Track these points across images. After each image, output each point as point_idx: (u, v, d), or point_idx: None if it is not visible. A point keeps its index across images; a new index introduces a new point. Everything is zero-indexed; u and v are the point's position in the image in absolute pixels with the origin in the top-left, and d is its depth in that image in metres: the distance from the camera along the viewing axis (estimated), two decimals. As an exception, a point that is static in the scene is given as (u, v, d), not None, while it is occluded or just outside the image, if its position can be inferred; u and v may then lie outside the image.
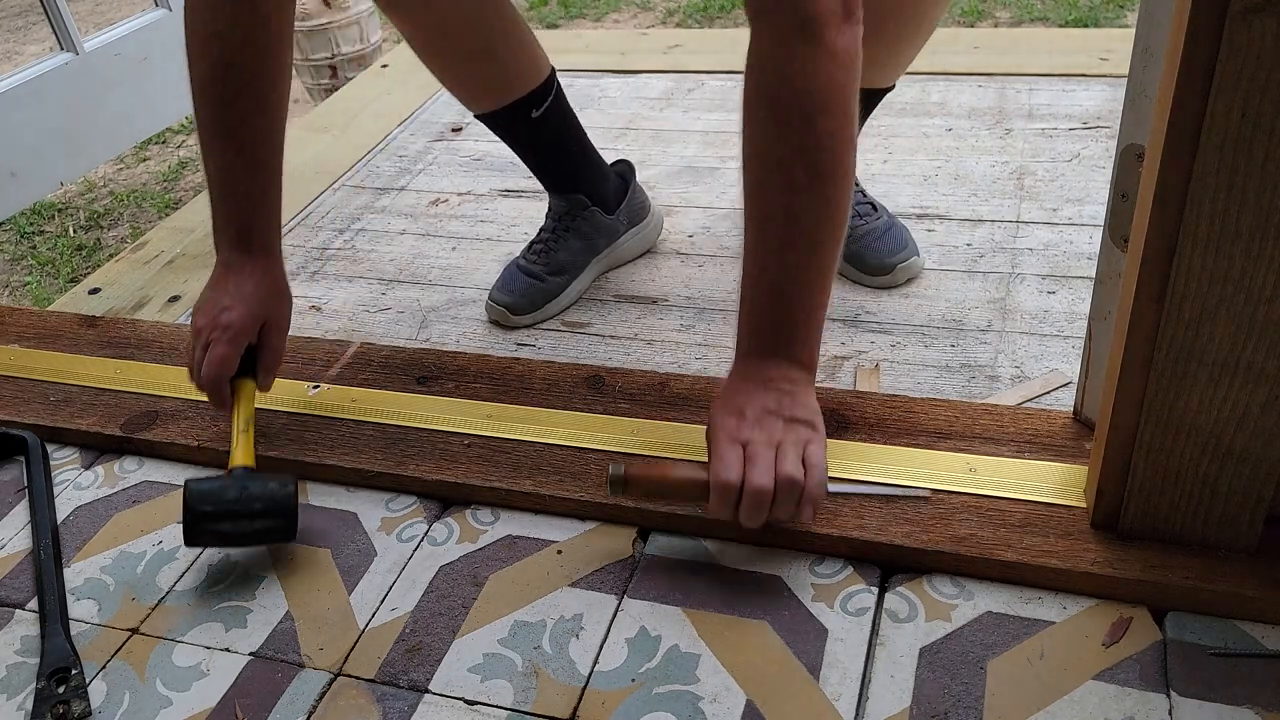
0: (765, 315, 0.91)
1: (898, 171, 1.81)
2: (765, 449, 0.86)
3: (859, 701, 0.79)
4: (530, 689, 0.83)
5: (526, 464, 1.02)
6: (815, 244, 0.89)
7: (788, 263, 0.89)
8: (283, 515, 0.94)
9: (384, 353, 1.22)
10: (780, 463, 0.85)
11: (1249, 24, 0.61)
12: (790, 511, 0.86)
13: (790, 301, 0.90)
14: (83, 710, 0.85)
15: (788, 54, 0.85)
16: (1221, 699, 0.76)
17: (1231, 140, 0.65)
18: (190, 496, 0.93)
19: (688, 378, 1.13)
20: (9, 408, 1.19)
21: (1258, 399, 0.75)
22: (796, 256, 0.89)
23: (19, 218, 2.64)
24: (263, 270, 1.07)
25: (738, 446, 0.86)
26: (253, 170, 1.07)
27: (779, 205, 0.88)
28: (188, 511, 0.92)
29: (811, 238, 0.89)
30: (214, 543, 0.95)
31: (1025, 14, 3.30)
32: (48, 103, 2.38)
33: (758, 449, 0.86)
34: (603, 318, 1.53)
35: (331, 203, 1.94)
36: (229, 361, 1.02)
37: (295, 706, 0.83)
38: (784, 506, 0.85)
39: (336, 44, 3.75)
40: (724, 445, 0.87)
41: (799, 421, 0.89)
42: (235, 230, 1.07)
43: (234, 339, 1.02)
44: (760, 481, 0.84)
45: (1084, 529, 0.88)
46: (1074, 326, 1.37)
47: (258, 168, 1.07)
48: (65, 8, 2.39)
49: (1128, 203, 0.83)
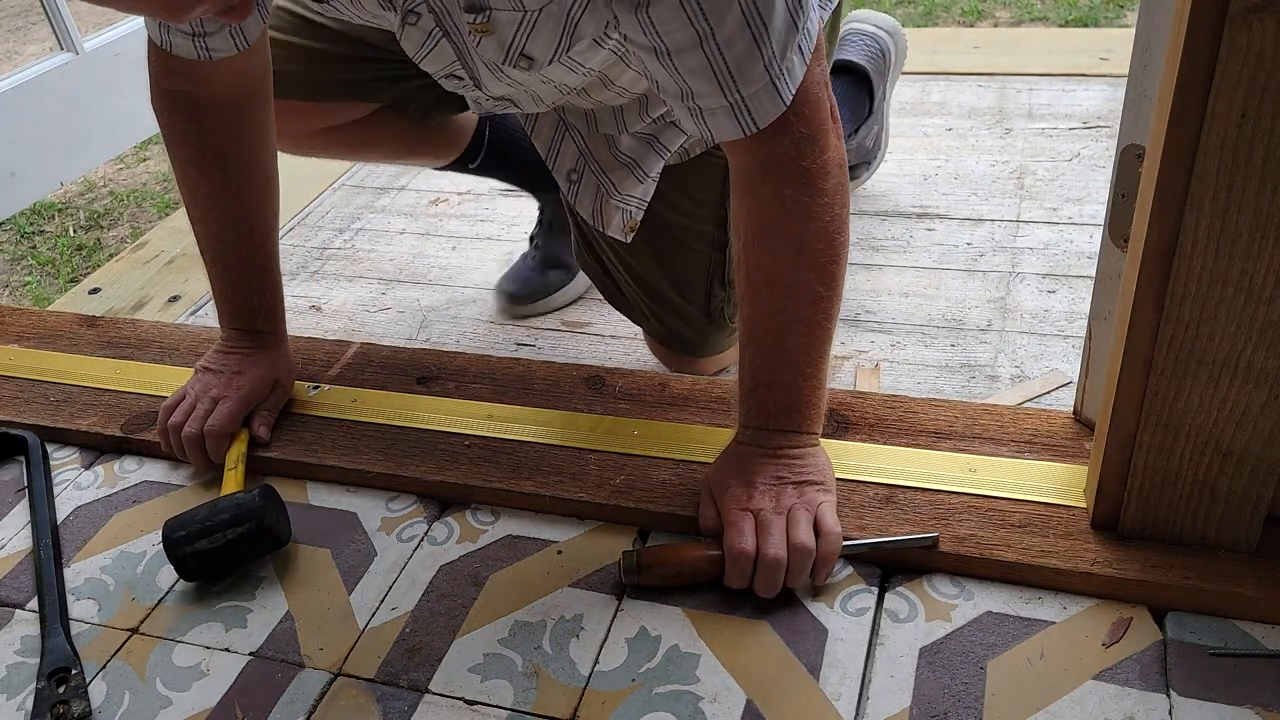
0: (771, 396, 0.91)
1: (898, 171, 1.81)
2: (777, 517, 0.86)
3: (859, 701, 0.79)
4: (530, 689, 0.83)
5: (526, 464, 1.02)
6: (821, 321, 0.89)
7: (790, 346, 0.89)
8: (252, 518, 0.93)
9: (384, 353, 1.22)
10: (793, 531, 0.85)
11: (1249, 24, 0.61)
12: (805, 578, 0.86)
13: (799, 384, 0.90)
14: (83, 710, 0.85)
15: (798, 198, 0.85)
16: (1221, 699, 0.76)
17: (1231, 140, 0.65)
18: (164, 529, 0.94)
19: (688, 378, 1.12)
20: (9, 408, 1.19)
21: (1258, 399, 0.75)
22: (798, 340, 0.89)
23: (19, 218, 2.64)
24: (269, 344, 1.12)
25: (750, 516, 0.87)
26: (249, 264, 1.10)
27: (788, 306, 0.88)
28: (164, 542, 0.93)
29: (815, 315, 0.89)
30: (201, 566, 0.94)
31: (1025, 14, 3.30)
32: (48, 103, 2.37)
33: (769, 517, 0.86)
34: (603, 318, 1.53)
35: (331, 202, 1.94)
36: (236, 418, 1.06)
37: (295, 706, 0.83)
38: (798, 574, 0.86)
39: (336, 44, 3.74)
40: (736, 515, 0.87)
41: (809, 484, 0.89)
42: (240, 315, 1.12)
43: (244, 400, 1.07)
44: (774, 552, 0.84)
45: (1084, 529, 0.88)
46: (1074, 326, 1.37)
47: (254, 260, 1.10)
48: (65, 8, 2.39)
49: (1128, 203, 0.83)
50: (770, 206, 0.86)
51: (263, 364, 1.10)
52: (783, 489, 0.89)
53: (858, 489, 0.94)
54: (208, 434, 1.04)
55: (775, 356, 0.90)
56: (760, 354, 0.90)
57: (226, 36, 0.98)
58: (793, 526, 0.86)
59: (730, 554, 0.86)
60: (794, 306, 0.88)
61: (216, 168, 1.06)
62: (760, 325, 0.90)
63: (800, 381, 0.90)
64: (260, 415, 1.09)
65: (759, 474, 0.89)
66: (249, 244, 1.09)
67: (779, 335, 0.89)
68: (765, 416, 0.91)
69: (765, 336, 0.89)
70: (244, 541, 0.93)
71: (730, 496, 0.89)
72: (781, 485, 0.89)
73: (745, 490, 0.89)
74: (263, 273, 1.11)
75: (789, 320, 0.88)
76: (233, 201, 1.07)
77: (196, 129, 1.04)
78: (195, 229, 1.10)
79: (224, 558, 0.94)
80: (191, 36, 0.97)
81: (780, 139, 0.82)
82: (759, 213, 0.87)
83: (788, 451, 0.91)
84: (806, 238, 0.86)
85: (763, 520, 0.86)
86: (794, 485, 0.89)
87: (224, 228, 1.08)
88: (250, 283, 1.10)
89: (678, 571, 0.89)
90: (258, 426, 1.08)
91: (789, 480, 0.89)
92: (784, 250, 0.87)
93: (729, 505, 0.88)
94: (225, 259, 1.10)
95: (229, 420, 1.05)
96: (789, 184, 0.84)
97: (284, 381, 1.13)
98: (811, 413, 0.91)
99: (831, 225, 0.86)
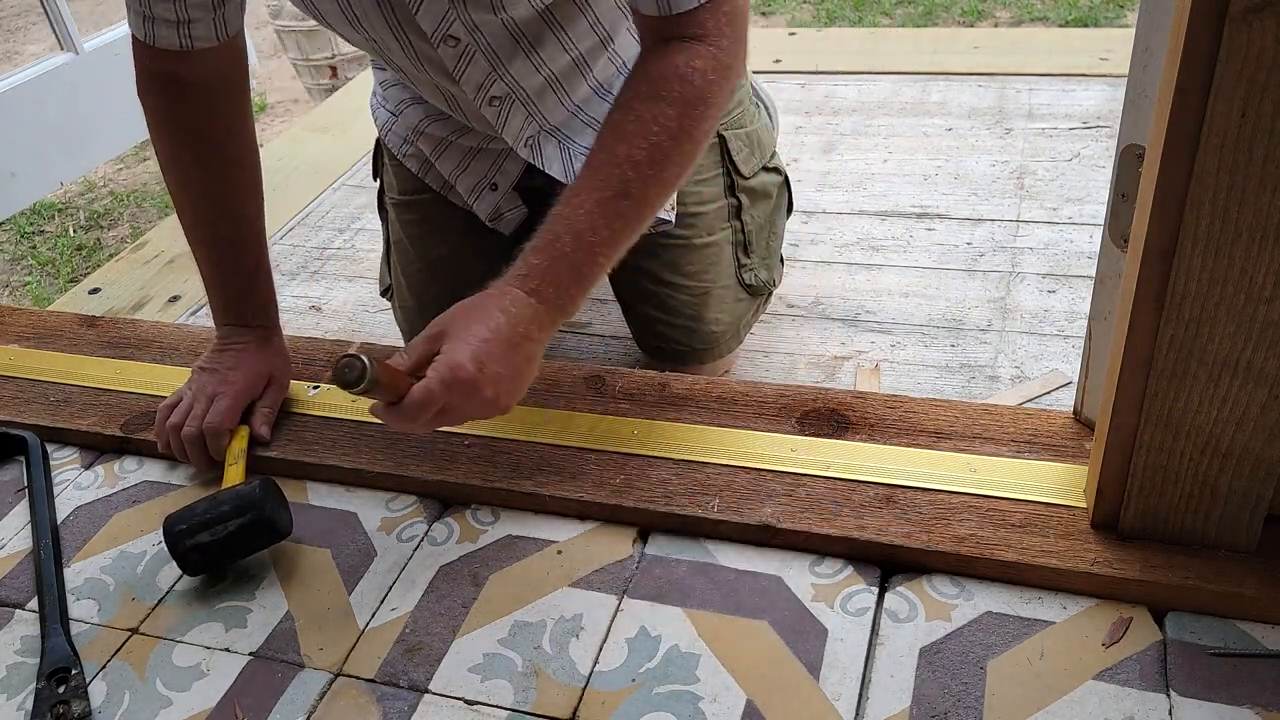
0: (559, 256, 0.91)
1: (898, 171, 1.81)
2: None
3: (859, 701, 0.79)
4: (530, 689, 0.83)
5: (526, 464, 1.02)
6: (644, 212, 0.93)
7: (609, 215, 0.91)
8: (253, 508, 0.93)
9: (384, 353, 1.22)
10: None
11: (1249, 24, 0.61)
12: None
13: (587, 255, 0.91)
14: (83, 710, 0.85)
15: (687, 54, 0.92)
16: (1221, 699, 0.76)
17: (1231, 140, 0.65)
18: (165, 524, 0.94)
19: (688, 378, 1.12)
20: (9, 408, 1.19)
21: (1258, 399, 0.75)
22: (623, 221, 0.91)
23: (19, 218, 2.64)
24: (263, 339, 1.12)
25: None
26: (240, 251, 1.11)
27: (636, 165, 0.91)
28: (166, 537, 0.93)
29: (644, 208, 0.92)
30: (204, 559, 0.94)
31: (1025, 14, 3.30)
32: (48, 103, 2.38)
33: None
34: (603, 318, 1.53)
35: (331, 202, 1.94)
36: (234, 413, 1.06)
37: (295, 706, 0.83)
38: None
39: (336, 44, 3.75)
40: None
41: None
42: (233, 309, 1.12)
43: (240, 394, 1.07)
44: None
45: (1084, 529, 0.88)
46: (1074, 326, 1.37)
47: (244, 247, 1.11)
48: (65, 8, 2.39)
49: (1128, 203, 0.83)
50: (656, 76, 0.92)
51: (258, 359, 1.10)
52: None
53: (858, 489, 0.94)
54: (207, 431, 1.04)
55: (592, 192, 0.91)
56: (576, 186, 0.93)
57: (209, 25, 1.00)
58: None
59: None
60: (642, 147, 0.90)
61: (207, 149, 1.07)
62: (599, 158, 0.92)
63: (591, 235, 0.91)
64: (260, 413, 1.09)
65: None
66: (239, 227, 1.10)
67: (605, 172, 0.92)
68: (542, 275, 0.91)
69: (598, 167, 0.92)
70: (245, 532, 0.93)
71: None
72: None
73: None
74: (254, 261, 1.11)
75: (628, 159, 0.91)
76: (222, 185, 1.08)
77: (186, 112, 1.06)
78: (185, 219, 1.10)
79: (226, 549, 0.94)
80: (175, 25, 1.00)
81: (690, 27, 0.91)
82: (644, 74, 0.93)
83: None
84: (666, 124, 0.90)
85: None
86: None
87: (215, 212, 1.09)
88: (242, 269, 1.11)
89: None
90: (259, 425, 1.08)
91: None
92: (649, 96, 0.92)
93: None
94: (217, 246, 1.10)
95: (227, 416, 1.05)
96: (680, 79, 0.91)
97: (280, 376, 1.13)
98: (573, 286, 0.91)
99: (690, 131, 0.91)
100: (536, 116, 1.19)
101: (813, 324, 1.47)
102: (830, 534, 0.90)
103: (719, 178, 1.33)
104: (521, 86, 1.15)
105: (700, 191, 1.31)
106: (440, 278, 1.38)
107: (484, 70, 1.11)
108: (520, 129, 1.20)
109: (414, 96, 1.30)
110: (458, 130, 1.29)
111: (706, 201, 1.31)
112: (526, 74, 1.14)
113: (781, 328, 1.48)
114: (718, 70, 0.92)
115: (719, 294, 1.32)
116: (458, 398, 0.83)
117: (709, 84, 0.92)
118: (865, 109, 2.07)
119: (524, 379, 0.89)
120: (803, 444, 1.00)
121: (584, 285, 0.91)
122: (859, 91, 2.15)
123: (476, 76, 1.12)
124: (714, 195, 1.32)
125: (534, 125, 1.20)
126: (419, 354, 0.86)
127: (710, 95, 0.92)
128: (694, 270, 1.31)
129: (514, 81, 1.14)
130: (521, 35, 1.09)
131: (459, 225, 1.37)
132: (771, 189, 1.38)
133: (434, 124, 1.30)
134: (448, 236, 1.38)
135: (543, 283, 0.89)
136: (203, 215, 1.10)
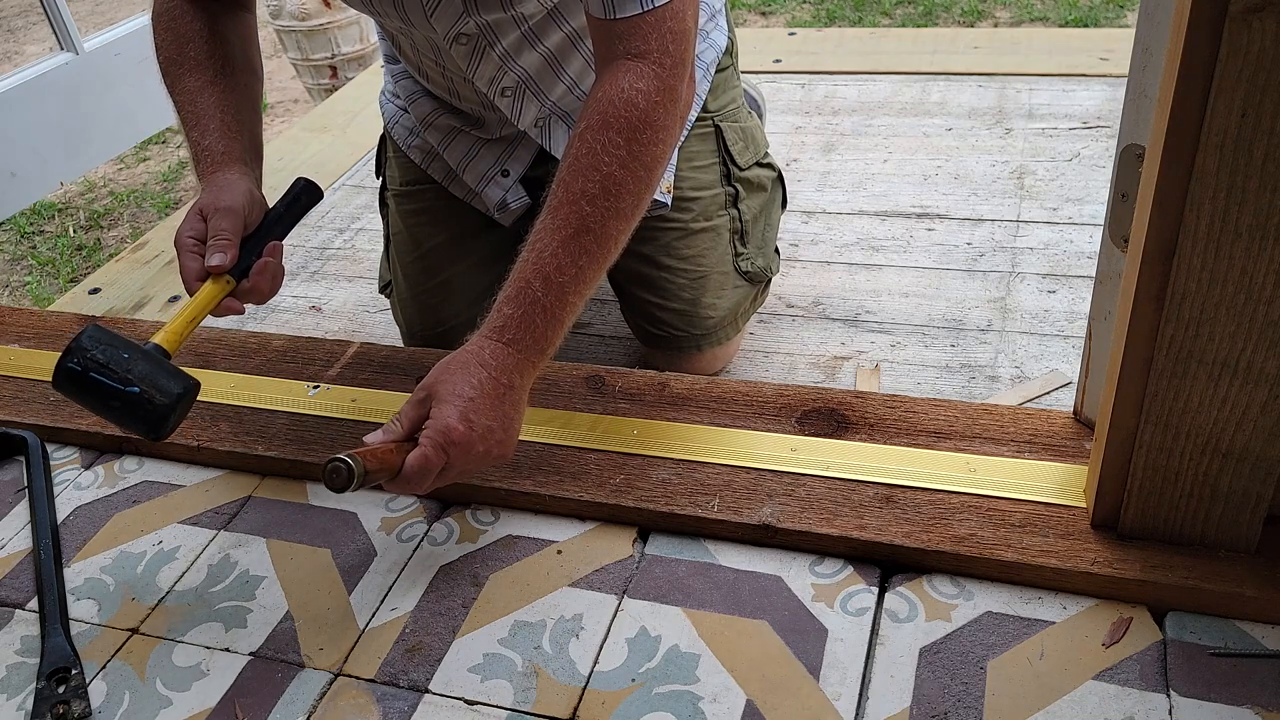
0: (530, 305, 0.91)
1: (898, 171, 1.81)
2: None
3: (859, 701, 0.79)
4: (530, 689, 0.83)
5: (526, 464, 1.02)
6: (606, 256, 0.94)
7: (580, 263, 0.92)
8: (156, 395, 0.86)
9: (384, 353, 1.22)
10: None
11: (1249, 24, 0.61)
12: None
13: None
14: (83, 710, 0.85)
15: (636, 87, 0.94)
16: (1221, 699, 0.76)
17: (1231, 140, 0.65)
18: (86, 332, 0.86)
19: (687, 378, 1.12)
20: (9, 408, 1.19)
21: (1258, 399, 0.75)
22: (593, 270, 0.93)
23: (19, 218, 2.64)
24: (239, 175, 1.03)
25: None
26: (224, 96, 1.08)
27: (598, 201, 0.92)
28: (74, 344, 0.86)
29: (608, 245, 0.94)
30: (74, 389, 0.86)
31: (1025, 14, 3.30)
32: (48, 103, 2.38)
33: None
34: (603, 318, 1.53)
35: (331, 202, 1.94)
36: (234, 230, 0.98)
37: (295, 706, 0.83)
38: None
39: (336, 44, 3.75)
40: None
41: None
42: (207, 155, 1.04)
43: (232, 221, 0.98)
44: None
45: (1084, 529, 0.88)
46: (1074, 326, 1.37)
47: (227, 94, 1.08)
48: (65, 8, 2.39)
49: (1128, 203, 0.83)
50: (604, 100, 0.93)
51: (237, 185, 1.02)
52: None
53: (858, 489, 0.94)
54: (178, 245, 0.98)
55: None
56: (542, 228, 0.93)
57: None
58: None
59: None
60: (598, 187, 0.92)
61: (219, 53, 1.08)
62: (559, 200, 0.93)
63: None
64: (215, 243, 0.98)
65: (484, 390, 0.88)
66: (240, 115, 1.07)
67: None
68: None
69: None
70: (121, 402, 0.86)
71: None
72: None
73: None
74: (250, 136, 1.08)
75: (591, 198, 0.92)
76: (230, 89, 1.08)
77: (205, 16, 1.09)
78: (186, 107, 1.07)
79: (94, 395, 0.86)
80: None
81: (634, 40, 0.94)
82: (595, 100, 0.94)
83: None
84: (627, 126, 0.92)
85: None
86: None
87: (220, 106, 1.06)
88: (232, 133, 1.06)
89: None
90: (211, 255, 0.97)
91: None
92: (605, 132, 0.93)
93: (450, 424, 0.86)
94: (211, 118, 1.06)
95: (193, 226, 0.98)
96: (629, 81, 0.93)
97: (253, 211, 1.02)
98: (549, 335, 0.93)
99: (639, 156, 0.93)
100: (539, 96, 1.22)
101: (813, 324, 1.47)
102: (830, 534, 0.90)
103: (715, 165, 1.34)
104: (528, 73, 1.18)
105: (697, 177, 1.33)
106: (436, 267, 1.39)
107: (495, 65, 1.15)
108: (534, 115, 1.24)
109: (425, 89, 1.33)
110: (468, 120, 1.31)
111: (703, 187, 1.33)
112: (531, 60, 1.17)
113: (781, 328, 1.48)
114: (661, 93, 0.94)
115: (716, 279, 1.33)
116: (455, 457, 0.86)
117: (653, 106, 0.93)
118: (865, 109, 2.07)
119: (514, 426, 0.91)
120: (803, 444, 1.00)
121: (559, 326, 0.93)
122: (859, 91, 2.15)
123: (489, 71, 1.16)
124: (710, 182, 1.34)
125: (541, 108, 1.24)
126: (410, 420, 0.88)
127: (655, 119, 0.94)
128: (691, 254, 1.32)
129: (522, 70, 1.17)
130: (530, 29, 1.13)
131: (457, 217, 1.39)
132: (766, 182, 1.39)
133: (444, 115, 1.32)
134: (446, 226, 1.39)
135: (519, 332, 0.91)
136: (207, 83, 1.07)
